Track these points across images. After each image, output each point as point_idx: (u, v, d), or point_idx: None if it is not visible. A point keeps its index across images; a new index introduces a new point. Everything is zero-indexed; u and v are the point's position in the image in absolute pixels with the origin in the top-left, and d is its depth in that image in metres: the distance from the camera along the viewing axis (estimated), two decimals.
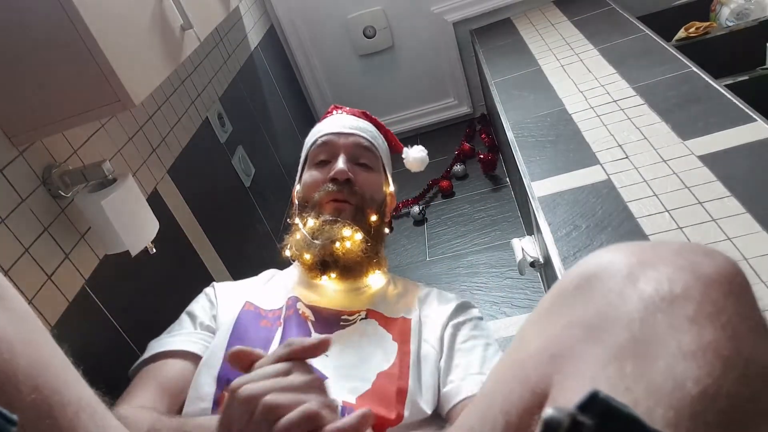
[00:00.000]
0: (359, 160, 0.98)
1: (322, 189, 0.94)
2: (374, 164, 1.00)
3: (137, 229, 1.01)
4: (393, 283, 0.95)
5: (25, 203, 0.91)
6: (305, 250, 0.90)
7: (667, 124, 1.15)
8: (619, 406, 0.25)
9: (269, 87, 2.26)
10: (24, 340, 0.41)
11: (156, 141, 1.35)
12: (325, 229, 0.89)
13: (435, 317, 0.87)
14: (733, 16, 1.70)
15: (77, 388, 0.44)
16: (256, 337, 0.81)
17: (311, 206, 0.95)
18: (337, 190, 0.93)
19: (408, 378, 0.75)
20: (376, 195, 0.98)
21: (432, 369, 0.79)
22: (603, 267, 0.39)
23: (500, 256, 1.80)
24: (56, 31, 0.79)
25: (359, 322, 0.84)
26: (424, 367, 0.79)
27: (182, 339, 0.86)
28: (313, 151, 1.02)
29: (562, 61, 1.62)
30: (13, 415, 0.28)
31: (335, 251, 0.88)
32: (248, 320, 0.84)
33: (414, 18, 2.38)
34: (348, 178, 0.94)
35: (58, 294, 0.93)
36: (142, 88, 0.89)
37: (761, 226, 0.84)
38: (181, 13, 1.08)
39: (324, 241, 0.88)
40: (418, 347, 0.81)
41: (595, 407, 0.24)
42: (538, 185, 1.12)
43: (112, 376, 0.69)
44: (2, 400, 0.36)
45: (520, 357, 0.39)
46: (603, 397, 0.25)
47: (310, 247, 0.89)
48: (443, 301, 0.91)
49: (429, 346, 0.82)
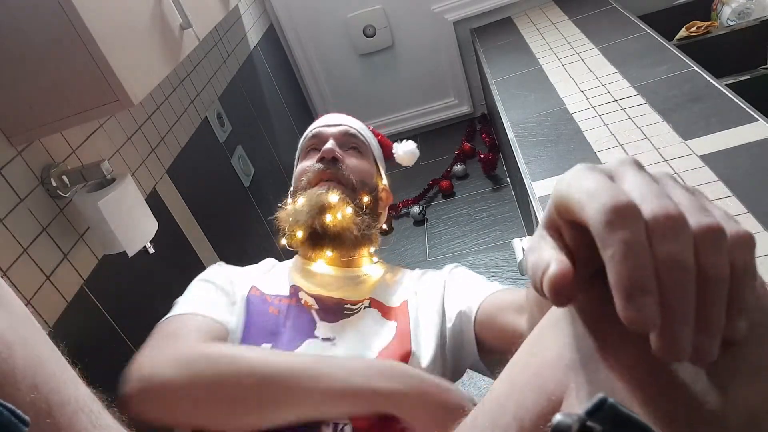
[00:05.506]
0: (348, 146, 0.99)
1: (310, 170, 0.94)
2: (363, 151, 1.01)
3: (136, 229, 1.00)
4: (391, 271, 0.95)
5: (24, 203, 0.91)
6: (295, 224, 0.89)
7: (669, 123, 1.14)
8: (627, 413, 0.24)
9: (269, 86, 2.25)
10: (22, 339, 0.41)
11: (155, 141, 1.34)
12: (312, 198, 0.89)
13: (432, 285, 0.87)
14: (735, 15, 1.69)
15: (75, 388, 0.44)
16: (265, 323, 0.79)
17: (301, 190, 0.94)
18: (325, 168, 0.93)
19: (410, 342, 0.76)
20: (366, 179, 0.97)
21: (433, 333, 0.79)
22: None
23: (501, 256, 1.80)
24: (55, 31, 0.79)
25: (363, 310, 0.83)
26: (424, 332, 0.79)
27: (222, 310, 0.79)
28: (305, 144, 1.03)
29: (562, 61, 1.62)
30: (26, 416, 0.28)
31: (323, 220, 0.87)
32: (256, 304, 0.83)
33: (414, 17, 2.37)
34: (335, 157, 0.93)
35: (57, 294, 0.93)
36: (141, 88, 0.89)
37: (763, 226, 0.83)
38: (180, 12, 1.07)
39: (311, 206, 0.87)
40: (416, 315, 0.82)
41: (603, 413, 0.24)
42: (539, 185, 1.12)
43: (110, 376, 0.68)
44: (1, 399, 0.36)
45: (536, 363, 0.38)
46: (611, 403, 0.24)
47: (298, 218, 0.88)
48: (436, 272, 0.92)
49: (428, 312, 0.82)
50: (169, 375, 0.64)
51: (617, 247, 0.27)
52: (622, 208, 0.28)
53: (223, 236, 1.55)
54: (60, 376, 0.43)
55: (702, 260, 0.27)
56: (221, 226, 1.57)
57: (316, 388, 0.63)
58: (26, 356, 0.40)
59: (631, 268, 0.27)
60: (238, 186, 1.75)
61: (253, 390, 0.63)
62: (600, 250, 0.28)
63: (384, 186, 1.04)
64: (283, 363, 0.65)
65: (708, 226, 0.28)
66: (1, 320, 0.40)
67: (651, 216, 0.28)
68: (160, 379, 0.64)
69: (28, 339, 0.42)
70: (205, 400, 0.63)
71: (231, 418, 0.63)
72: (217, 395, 0.63)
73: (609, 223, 0.27)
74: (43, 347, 0.44)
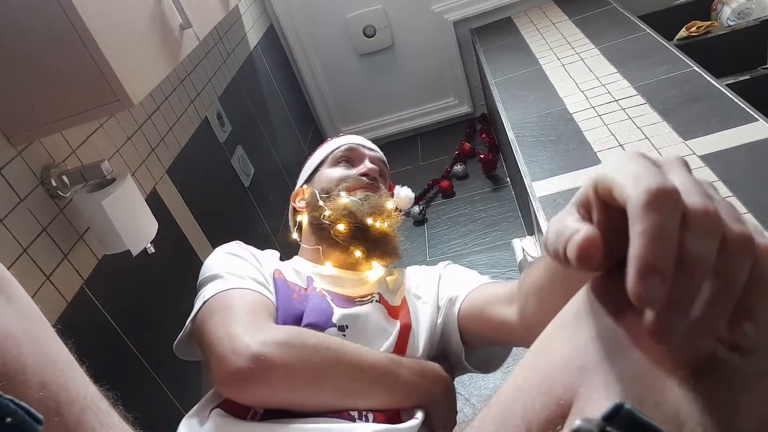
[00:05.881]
0: (378, 173, 1.03)
1: (352, 178, 0.98)
2: (385, 184, 1.06)
3: (136, 229, 1.00)
4: (390, 273, 0.97)
5: (24, 203, 0.91)
6: (344, 217, 0.91)
7: (669, 123, 1.14)
8: (644, 419, 0.25)
9: (269, 86, 2.25)
10: (31, 336, 0.41)
11: (155, 141, 1.34)
12: (369, 198, 0.93)
13: (427, 280, 0.91)
14: (735, 15, 1.70)
15: (84, 386, 0.44)
16: (291, 307, 0.80)
17: (339, 191, 0.95)
18: (368, 183, 0.98)
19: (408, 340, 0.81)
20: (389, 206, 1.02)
21: (427, 328, 0.83)
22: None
23: (501, 257, 1.80)
24: (55, 31, 0.79)
25: (374, 303, 0.85)
26: (422, 327, 0.83)
27: (267, 290, 0.81)
28: (337, 154, 1.05)
29: (562, 61, 1.62)
30: (39, 414, 0.28)
31: (374, 222, 0.92)
32: (282, 288, 0.83)
33: (414, 17, 2.37)
34: (375, 178, 1.00)
35: (57, 294, 0.93)
36: (141, 88, 0.89)
37: (762, 226, 0.83)
38: (180, 12, 1.07)
39: (371, 206, 0.92)
40: (415, 311, 0.85)
41: (620, 419, 0.24)
42: (539, 185, 1.12)
43: (110, 376, 0.68)
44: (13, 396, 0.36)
45: (544, 366, 0.38)
46: (628, 408, 0.24)
47: (353, 212, 0.91)
48: (430, 267, 0.96)
49: (425, 308, 0.86)
50: (283, 358, 0.66)
51: (649, 225, 0.27)
52: (665, 192, 0.28)
53: (223, 236, 1.55)
54: (68, 374, 0.43)
55: (722, 265, 0.28)
56: (221, 226, 1.57)
57: (394, 383, 0.72)
58: (36, 354, 0.40)
59: (656, 249, 0.27)
60: (238, 186, 1.75)
61: (351, 380, 0.70)
62: (630, 226, 0.28)
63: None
64: (373, 359, 0.72)
65: (741, 233, 0.28)
66: (10, 318, 0.40)
67: (691, 209, 0.28)
68: (274, 361, 0.65)
69: (38, 336, 0.42)
70: (311, 385, 0.68)
71: (327, 402, 0.69)
72: (323, 382, 0.68)
73: (649, 203, 0.28)
74: (52, 344, 0.44)
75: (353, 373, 0.70)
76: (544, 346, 0.40)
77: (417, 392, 0.74)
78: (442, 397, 0.76)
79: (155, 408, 1.09)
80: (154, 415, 1.07)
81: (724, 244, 0.28)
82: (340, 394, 0.69)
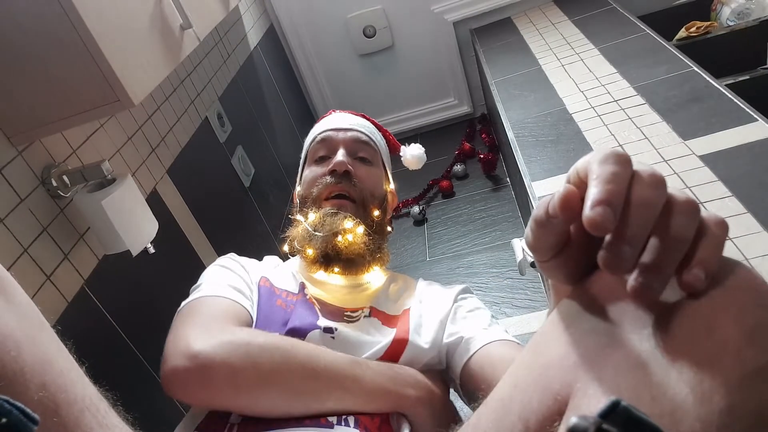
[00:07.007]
0: (358, 155, 0.98)
1: (321, 182, 0.94)
2: (373, 158, 1.00)
3: (136, 229, 1.00)
4: (394, 280, 0.95)
5: (24, 203, 0.91)
6: (307, 243, 0.89)
7: (668, 123, 1.15)
8: (640, 416, 0.25)
9: (269, 86, 2.26)
10: (30, 337, 0.41)
11: (155, 141, 1.35)
12: (326, 221, 0.88)
13: (440, 297, 0.87)
14: (734, 15, 1.70)
15: (82, 387, 0.44)
16: (273, 314, 0.80)
17: (311, 201, 0.94)
18: (336, 182, 0.93)
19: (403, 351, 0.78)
20: (376, 190, 0.97)
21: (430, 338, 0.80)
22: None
23: (500, 256, 1.80)
24: (56, 31, 0.79)
25: (363, 319, 0.84)
26: (424, 335, 0.81)
27: (245, 297, 0.80)
28: (313, 148, 1.02)
29: (562, 61, 1.62)
30: (35, 414, 0.28)
31: (337, 244, 0.87)
32: (265, 295, 0.84)
33: (414, 17, 2.37)
34: (347, 171, 0.93)
35: (57, 294, 0.93)
36: (142, 88, 0.89)
37: (762, 226, 0.83)
38: (181, 12, 1.07)
39: (326, 233, 0.87)
40: (418, 320, 0.82)
41: (616, 416, 0.24)
42: (539, 185, 1.12)
43: (110, 376, 0.68)
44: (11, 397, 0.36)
45: (540, 363, 0.38)
46: (624, 406, 0.25)
47: (312, 240, 0.88)
48: (446, 287, 0.92)
49: (431, 319, 0.83)
50: (223, 357, 0.63)
51: (602, 172, 0.32)
52: (619, 154, 0.34)
53: (223, 236, 1.55)
54: (68, 375, 0.43)
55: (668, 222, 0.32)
56: (221, 226, 1.57)
57: (355, 386, 0.68)
58: (35, 354, 0.40)
59: (608, 188, 0.32)
60: (238, 186, 1.75)
61: (302, 382, 0.66)
62: (588, 179, 0.33)
63: (391, 189, 1.04)
64: (330, 361, 0.69)
65: (686, 199, 0.33)
66: (10, 318, 0.40)
67: (640, 170, 0.33)
68: (213, 361, 0.63)
69: (37, 337, 0.42)
70: (256, 386, 0.64)
71: (276, 404, 0.66)
72: (270, 383, 0.65)
73: (604, 159, 0.33)
74: (51, 345, 0.44)
75: (304, 374, 0.66)
76: (540, 344, 0.40)
77: (383, 396, 0.70)
78: (417, 401, 0.72)
79: (155, 408, 1.09)
80: (154, 416, 1.07)
81: (670, 206, 0.32)
82: (292, 396, 0.66)
